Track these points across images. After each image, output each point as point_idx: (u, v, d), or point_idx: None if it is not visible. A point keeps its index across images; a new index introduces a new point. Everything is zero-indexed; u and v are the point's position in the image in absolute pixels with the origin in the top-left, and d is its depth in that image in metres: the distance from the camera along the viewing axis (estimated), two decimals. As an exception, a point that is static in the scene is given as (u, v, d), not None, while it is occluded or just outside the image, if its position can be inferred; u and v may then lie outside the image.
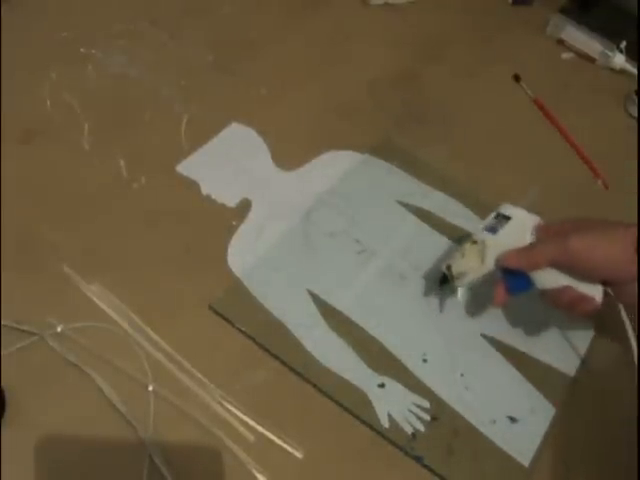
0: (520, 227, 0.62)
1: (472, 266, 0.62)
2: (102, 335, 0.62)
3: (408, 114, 0.89)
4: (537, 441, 0.62)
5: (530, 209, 0.64)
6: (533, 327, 0.70)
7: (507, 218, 0.62)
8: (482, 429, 0.62)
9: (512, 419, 0.63)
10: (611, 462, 0.62)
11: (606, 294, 0.59)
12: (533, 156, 0.87)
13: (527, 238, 0.61)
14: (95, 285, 0.66)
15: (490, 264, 0.61)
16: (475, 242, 0.63)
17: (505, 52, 1.01)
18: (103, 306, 0.64)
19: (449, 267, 0.64)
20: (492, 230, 0.62)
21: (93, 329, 0.63)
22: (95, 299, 0.65)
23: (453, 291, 0.68)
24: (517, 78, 0.96)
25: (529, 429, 0.62)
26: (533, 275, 0.60)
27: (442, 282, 0.67)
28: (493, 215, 0.64)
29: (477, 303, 0.68)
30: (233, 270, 0.69)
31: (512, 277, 0.60)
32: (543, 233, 0.61)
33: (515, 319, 0.70)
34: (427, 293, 0.69)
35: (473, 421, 0.62)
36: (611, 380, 0.67)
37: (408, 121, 0.88)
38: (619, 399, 0.66)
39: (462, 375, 0.65)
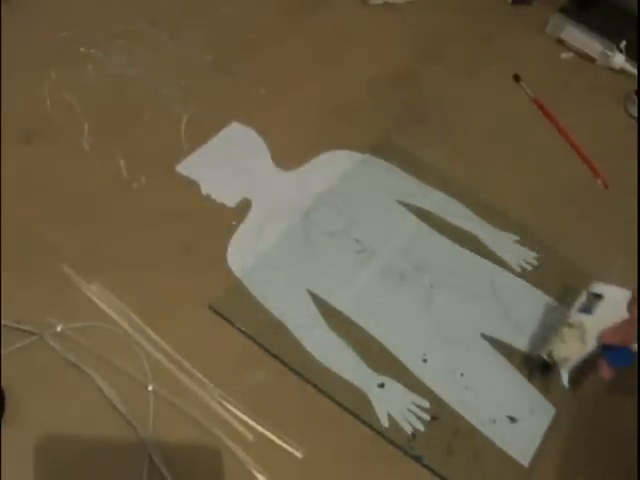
0: (614, 303, 0.62)
1: (574, 351, 0.63)
2: (102, 335, 0.62)
3: (408, 114, 0.89)
4: (537, 441, 0.62)
5: (619, 282, 0.64)
6: (533, 327, 0.70)
7: (599, 296, 0.63)
8: (482, 429, 0.62)
9: (512, 419, 0.63)
10: (611, 461, 0.62)
11: None
12: (533, 156, 0.87)
13: (624, 313, 0.61)
14: (95, 285, 0.66)
15: (591, 344, 0.62)
16: (571, 325, 0.63)
17: (505, 52, 1.01)
18: (103, 306, 0.64)
19: (550, 354, 0.64)
20: (587, 310, 0.63)
21: (93, 329, 0.63)
22: (95, 299, 0.65)
23: (556, 375, 0.66)
24: (517, 78, 0.96)
25: (529, 429, 0.62)
26: (633, 346, 0.59)
27: (544, 368, 0.66)
28: (584, 296, 0.65)
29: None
30: (233, 270, 0.69)
31: (613, 351, 0.61)
32: (636, 306, 0.61)
33: (516, 319, 0.70)
34: (530, 378, 0.67)
35: (473, 421, 0.62)
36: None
37: (408, 121, 0.88)
38: (619, 399, 0.66)
39: (462, 375, 0.65)
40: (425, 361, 0.65)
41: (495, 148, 0.87)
